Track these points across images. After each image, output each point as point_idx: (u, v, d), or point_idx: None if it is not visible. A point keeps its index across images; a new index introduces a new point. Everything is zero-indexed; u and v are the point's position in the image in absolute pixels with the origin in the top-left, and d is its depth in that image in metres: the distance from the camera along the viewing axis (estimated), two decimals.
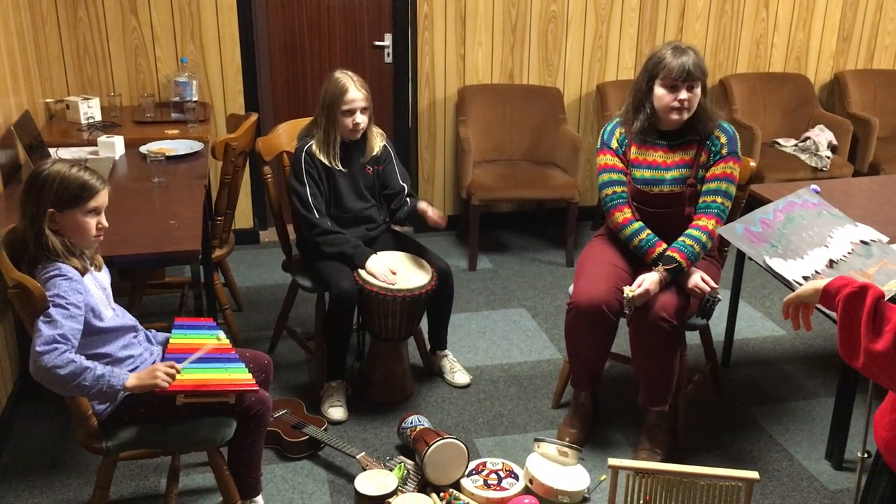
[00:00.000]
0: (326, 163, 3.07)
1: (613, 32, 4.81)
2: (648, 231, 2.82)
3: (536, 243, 4.83)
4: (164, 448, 2.45)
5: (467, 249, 4.49)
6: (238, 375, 2.30)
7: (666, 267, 2.72)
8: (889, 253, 2.29)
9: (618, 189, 2.86)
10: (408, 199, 3.21)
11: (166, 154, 3.37)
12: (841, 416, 2.84)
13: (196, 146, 3.56)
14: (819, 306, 1.70)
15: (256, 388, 2.29)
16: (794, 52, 5.12)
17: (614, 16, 4.77)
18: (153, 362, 2.30)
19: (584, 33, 4.77)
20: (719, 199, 2.80)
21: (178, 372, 2.14)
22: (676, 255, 2.73)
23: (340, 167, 3.09)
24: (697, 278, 2.73)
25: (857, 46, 5.21)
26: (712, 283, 2.74)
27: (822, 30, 5.11)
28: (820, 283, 1.60)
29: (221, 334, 2.31)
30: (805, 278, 2.10)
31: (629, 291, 2.67)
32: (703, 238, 2.77)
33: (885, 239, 2.40)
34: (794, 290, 1.77)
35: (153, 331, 2.44)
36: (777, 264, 2.13)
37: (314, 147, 3.07)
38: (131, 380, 2.09)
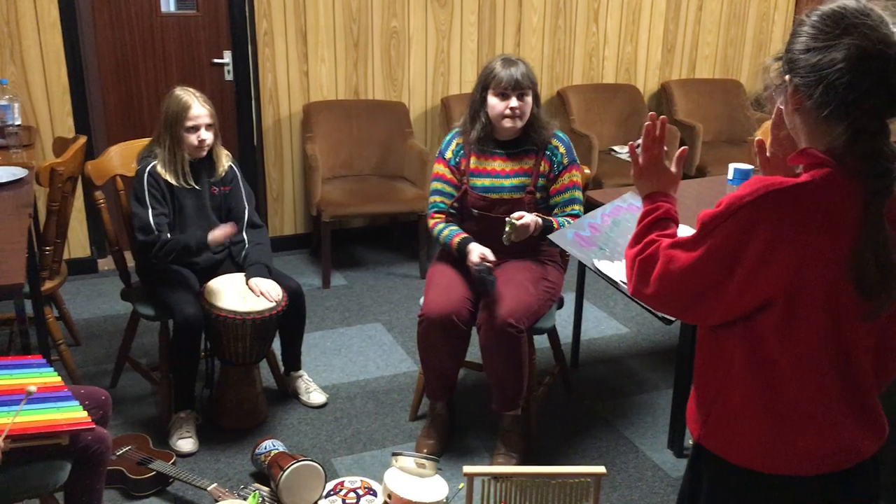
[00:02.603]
0: (174, 182, 2.96)
1: (455, 47, 4.91)
2: (453, 226, 2.95)
3: (390, 257, 4.84)
4: None
5: (320, 267, 4.44)
6: (71, 414, 2.16)
7: (539, 215, 2.80)
8: None
9: (437, 199, 2.99)
10: (245, 238, 3.14)
11: None
12: (679, 406, 2.99)
13: (19, 173, 3.33)
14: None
15: (92, 426, 2.16)
16: (624, 64, 5.41)
17: (454, 31, 4.87)
18: None
19: (427, 48, 4.84)
20: (577, 207, 2.95)
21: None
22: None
23: (192, 185, 2.99)
24: (477, 255, 2.80)
25: (679, 57, 5.56)
26: (490, 257, 2.80)
27: (647, 43, 5.43)
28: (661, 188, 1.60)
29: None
30: None
31: (513, 219, 2.69)
32: (564, 222, 2.86)
33: None
34: (620, 291, 1.85)
35: None
36: (605, 266, 2.23)
37: (158, 167, 2.95)
38: None
